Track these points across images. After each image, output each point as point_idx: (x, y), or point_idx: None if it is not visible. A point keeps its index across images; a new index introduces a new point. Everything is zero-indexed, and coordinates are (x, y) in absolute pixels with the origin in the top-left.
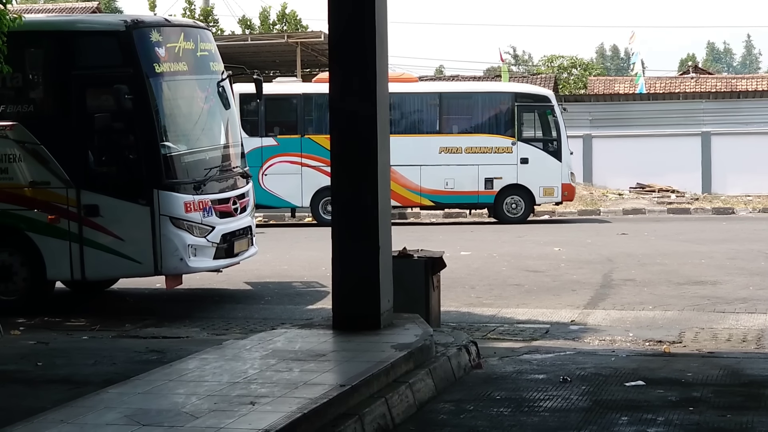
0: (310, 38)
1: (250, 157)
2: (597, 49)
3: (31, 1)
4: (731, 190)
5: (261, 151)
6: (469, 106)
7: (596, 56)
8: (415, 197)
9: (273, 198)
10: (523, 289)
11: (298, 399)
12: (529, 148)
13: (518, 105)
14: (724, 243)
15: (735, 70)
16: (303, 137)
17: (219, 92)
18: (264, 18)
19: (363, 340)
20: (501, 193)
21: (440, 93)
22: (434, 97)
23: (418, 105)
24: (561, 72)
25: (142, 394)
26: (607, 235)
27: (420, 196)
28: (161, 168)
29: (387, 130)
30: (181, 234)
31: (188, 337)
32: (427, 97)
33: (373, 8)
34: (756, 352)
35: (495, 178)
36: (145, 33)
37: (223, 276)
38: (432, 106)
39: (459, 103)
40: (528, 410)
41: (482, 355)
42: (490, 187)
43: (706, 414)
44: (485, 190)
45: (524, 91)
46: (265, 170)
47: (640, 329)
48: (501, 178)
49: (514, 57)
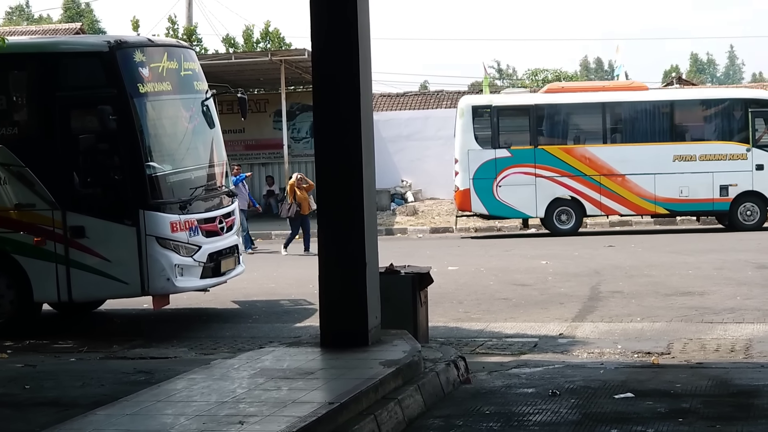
0: (294, 56)
1: (484, 169)
2: (581, 61)
3: (14, 24)
4: None
5: (495, 162)
6: (702, 113)
7: (580, 69)
8: (649, 206)
9: (506, 209)
10: (511, 303)
11: (287, 417)
12: (764, 155)
13: (751, 111)
14: (710, 253)
15: (718, 80)
16: (536, 148)
17: (203, 111)
18: (247, 36)
19: (351, 357)
20: (736, 201)
21: (672, 101)
22: (666, 104)
23: (650, 113)
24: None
25: (130, 415)
26: (594, 248)
27: (654, 205)
28: (147, 188)
29: (371, 146)
30: (168, 254)
31: (176, 357)
32: (659, 105)
33: (356, 23)
34: (744, 362)
35: (730, 185)
36: (129, 53)
37: (210, 295)
38: (664, 114)
39: (691, 111)
40: (517, 424)
41: (471, 369)
42: (725, 194)
43: (696, 425)
44: (720, 198)
45: (757, 96)
46: (499, 182)
47: (629, 341)
48: (736, 185)
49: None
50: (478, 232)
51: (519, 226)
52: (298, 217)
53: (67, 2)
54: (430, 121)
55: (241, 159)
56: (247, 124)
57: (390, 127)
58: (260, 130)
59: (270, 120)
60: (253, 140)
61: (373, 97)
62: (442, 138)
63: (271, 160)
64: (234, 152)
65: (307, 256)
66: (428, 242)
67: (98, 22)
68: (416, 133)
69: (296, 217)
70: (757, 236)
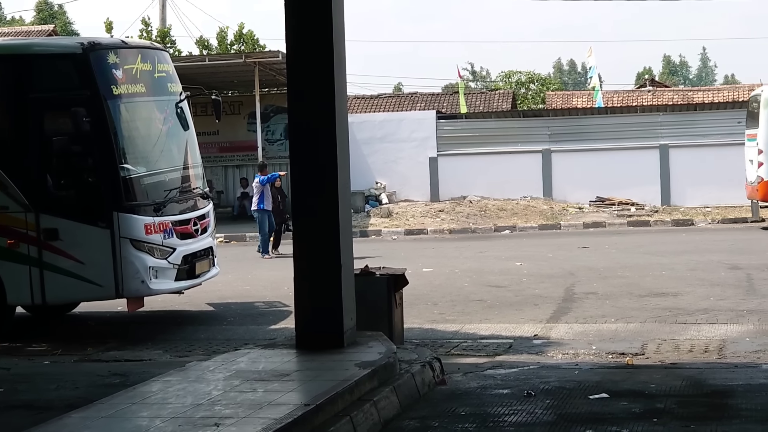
0: (268, 58)
1: None
2: (554, 63)
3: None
4: (690, 201)
5: None
6: None
7: (554, 71)
8: None
9: None
10: (485, 305)
11: (263, 419)
12: None
13: None
14: (684, 254)
15: (691, 82)
16: None
17: (177, 113)
18: (221, 38)
19: (327, 358)
20: None
21: None
22: None
23: None
24: (519, 87)
25: (105, 418)
26: (569, 249)
27: None
28: (120, 190)
29: (346, 148)
30: (142, 256)
31: (151, 359)
32: None
33: (331, 25)
34: (718, 362)
35: None
36: (102, 55)
37: (185, 297)
38: None
39: None
40: (493, 425)
41: (446, 371)
42: None
43: (670, 425)
44: None
45: None
46: None
47: (603, 342)
48: None
49: (472, 73)
50: (453, 234)
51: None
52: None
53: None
54: (404, 123)
55: (215, 161)
56: (222, 126)
57: (364, 129)
58: (234, 132)
59: (244, 122)
60: (227, 142)
61: (347, 99)
62: (416, 140)
63: (245, 162)
64: (208, 154)
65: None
66: (403, 244)
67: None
68: (390, 135)
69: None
70: (730, 237)
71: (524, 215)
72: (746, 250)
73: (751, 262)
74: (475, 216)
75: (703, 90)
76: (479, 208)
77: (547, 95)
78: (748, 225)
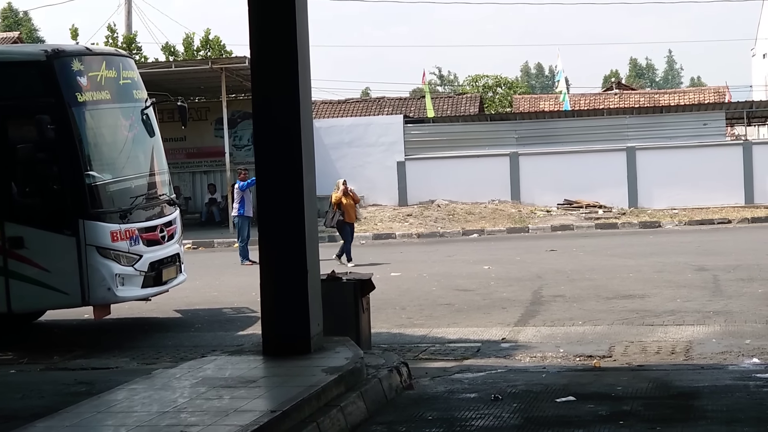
0: (235, 63)
1: None
2: (522, 67)
3: None
4: (657, 203)
5: None
6: None
7: (521, 75)
8: None
9: None
10: (453, 309)
11: (229, 426)
12: None
13: None
14: (651, 256)
15: (658, 85)
16: None
17: (143, 120)
18: (188, 44)
19: (293, 364)
20: None
21: None
22: None
23: None
24: (486, 91)
25: (70, 427)
26: (536, 252)
27: None
28: (86, 198)
29: (312, 153)
30: (108, 263)
31: (118, 367)
32: None
33: (295, 30)
34: (685, 364)
35: None
36: (67, 62)
37: (152, 304)
38: None
39: None
40: (460, 430)
41: (414, 375)
42: None
43: (636, 427)
44: None
45: None
46: None
47: (571, 345)
48: None
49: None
50: (421, 238)
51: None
52: (343, 225)
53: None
54: (372, 127)
55: (182, 167)
56: (188, 132)
57: (331, 133)
58: (201, 138)
59: (211, 128)
60: (194, 148)
61: (314, 104)
62: (383, 144)
63: (212, 168)
64: (175, 160)
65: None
66: (371, 249)
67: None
68: (358, 139)
69: (341, 225)
70: (697, 239)
71: (492, 219)
72: (713, 251)
73: (718, 264)
74: (443, 220)
75: (669, 92)
76: (447, 212)
77: (515, 99)
78: (714, 226)
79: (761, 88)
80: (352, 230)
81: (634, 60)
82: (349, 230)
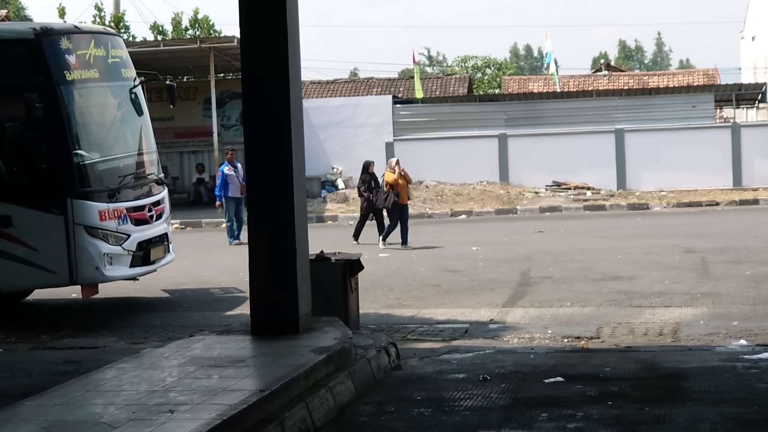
0: (223, 43)
1: None
2: (511, 48)
3: None
4: (645, 185)
5: None
6: None
7: (510, 56)
8: None
9: None
10: (441, 290)
11: (218, 405)
12: None
13: None
14: (639, 238)
15: (646, 67)
16: None
17: (132, 99)
18: (176, 24)
19: (282, 344)
20: None
21: None
22: None
23: None
24: (475, 72)
25: (59, 405)
26: (525, 234)
27: None
28: (74, 177)
29: (301, 133)
30: (96, 243)
31: (106, 347)
32: None
33: (285, 9)
34: (672, 345)
35: None
36: (55, 40)
37: (140, 284)
38: None
39: None
40: (448, 410)
41: (402, 356)
42: None
43: (625, 408)
44: None
45: None
46: None
47: (559, 326)
48: None
49: (428, 58)
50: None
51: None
52: (396, 207)
53: None
54: (360, 108)
55: (170, 147)
56: (177, 111)
57: (320, 114)
58: (190, 117)
59: (199, 108)
60: (182, 128)
61: (302, 84)
62: (372, 125)
63: (200, 147)
64: (163, 140)
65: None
66: None
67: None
68: (346, 120)
69: (394, 207)
70: (685, 221)
71: (480, 200)
72: (701, 233)
73: (706, 246)
74: (432, 201)
75: (658, 74)
76: (435, 192)
77: (504, 80)
78: (702, 209)
79: (750, 70)
80: (407, 211)
81: (623, 42)
82: (399, 213)
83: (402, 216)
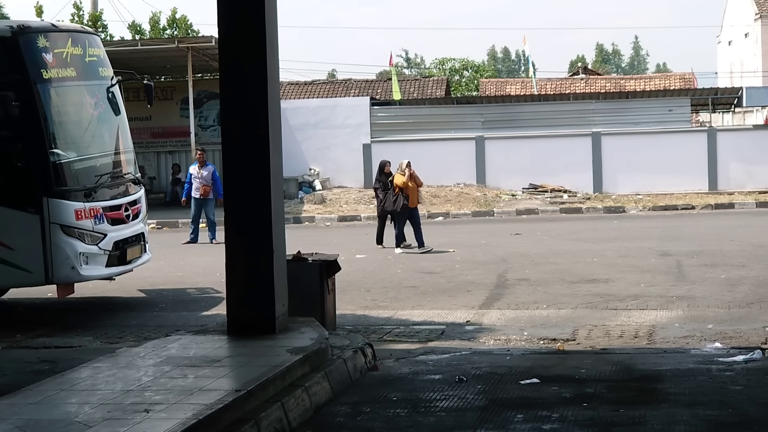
0: (201, 43)
1: None
2: (488, 51)
3: None
4: (622, 189)
5: None
6: None
7: (488, 58)
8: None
9: None
10: (418, 291)
11: (193, 405)
12: None
13: None
14: (615, 241)
15: (623, 71)
16: None
17: (109, 98)
18: (154, 23)
19: (258, 344)
20: None
21: None
22: None
23: None
24: (453, 74)
25: (33, 404)
26: (501, 236)
27: None
28: (50, 175)
29: (279, 134)
30: (72, 242)
31: (81, 346)
32: None
33: (263, 9)
34: (647, 348)
35: None
36: (32, 38)
37: (116, 284)
38: None
39: None
40: (424, 410)
41: (378, 357)
42: None
43: (600, 409)
44: None
45: None
46: None
47: (535, 328)
48: None
49: (406, 60)
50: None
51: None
52: (405, 210)
53: None
54: (338, 109)
55: (147, 147)
56: (154, 111)
57: (298, 115)
58: (167, 117)
59: (177, 107)
60: (159, 128)
61: (280, 85)
62: (349, 126)
63: (177, 148)
64: (140, 140)
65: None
66: (336, 230)
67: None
68: (324, 121)
69: (403, 211)
70: (661, 224)
71: (457, 202)
72: (676, 237)
73: (681, 249)
74: None
75: (635, 78)
76: None
77: (481, 82)
78: (678, 212)
79: (726, 75)
80: (417, 214)
81: (600, 45)
82: (407, 216)
83: (412, 219)
